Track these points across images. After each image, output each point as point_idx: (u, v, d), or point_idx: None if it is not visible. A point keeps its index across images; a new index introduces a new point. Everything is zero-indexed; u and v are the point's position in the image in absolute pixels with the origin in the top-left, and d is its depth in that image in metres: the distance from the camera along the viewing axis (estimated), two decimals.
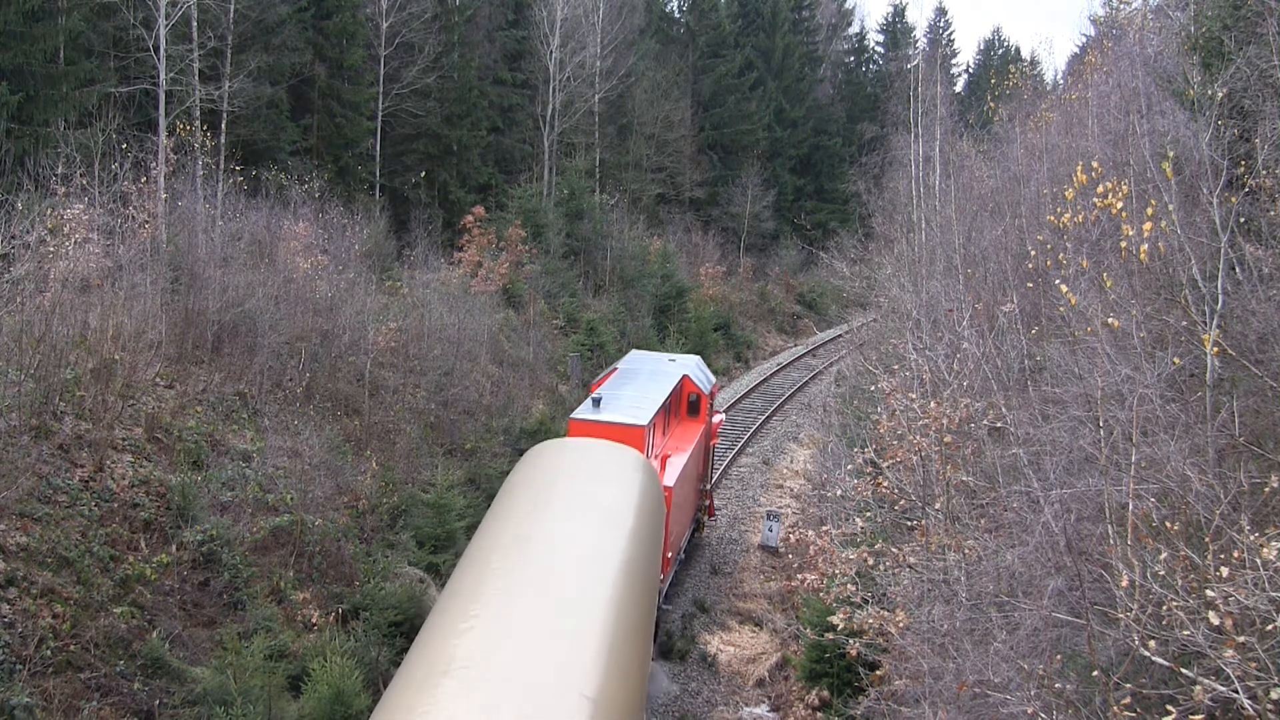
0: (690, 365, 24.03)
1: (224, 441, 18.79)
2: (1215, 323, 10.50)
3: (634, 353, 26.44)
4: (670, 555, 18.99)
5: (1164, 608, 7.91)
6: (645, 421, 19.05)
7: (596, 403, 19.87)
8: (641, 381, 22.01)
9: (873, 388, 17.79)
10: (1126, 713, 7.98)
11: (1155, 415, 9.79)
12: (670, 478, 18.76)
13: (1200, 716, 7.47)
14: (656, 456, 19.61)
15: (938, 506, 12.72)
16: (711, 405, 23.84)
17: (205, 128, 26.30)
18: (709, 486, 24.32)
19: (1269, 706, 7.28)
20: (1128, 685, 8.19)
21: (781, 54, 61.34)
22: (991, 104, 38.50)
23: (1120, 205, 11.48)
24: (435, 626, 10.43)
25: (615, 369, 23.43)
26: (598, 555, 12.39)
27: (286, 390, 21.34)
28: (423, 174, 38.31)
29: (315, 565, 17.42)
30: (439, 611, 10.95)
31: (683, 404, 23.04)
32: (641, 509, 14.73)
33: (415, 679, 9.21)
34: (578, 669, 9.51)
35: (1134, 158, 13.48)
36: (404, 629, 16.93)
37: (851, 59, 72.15)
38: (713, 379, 25.34)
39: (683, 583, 21.70)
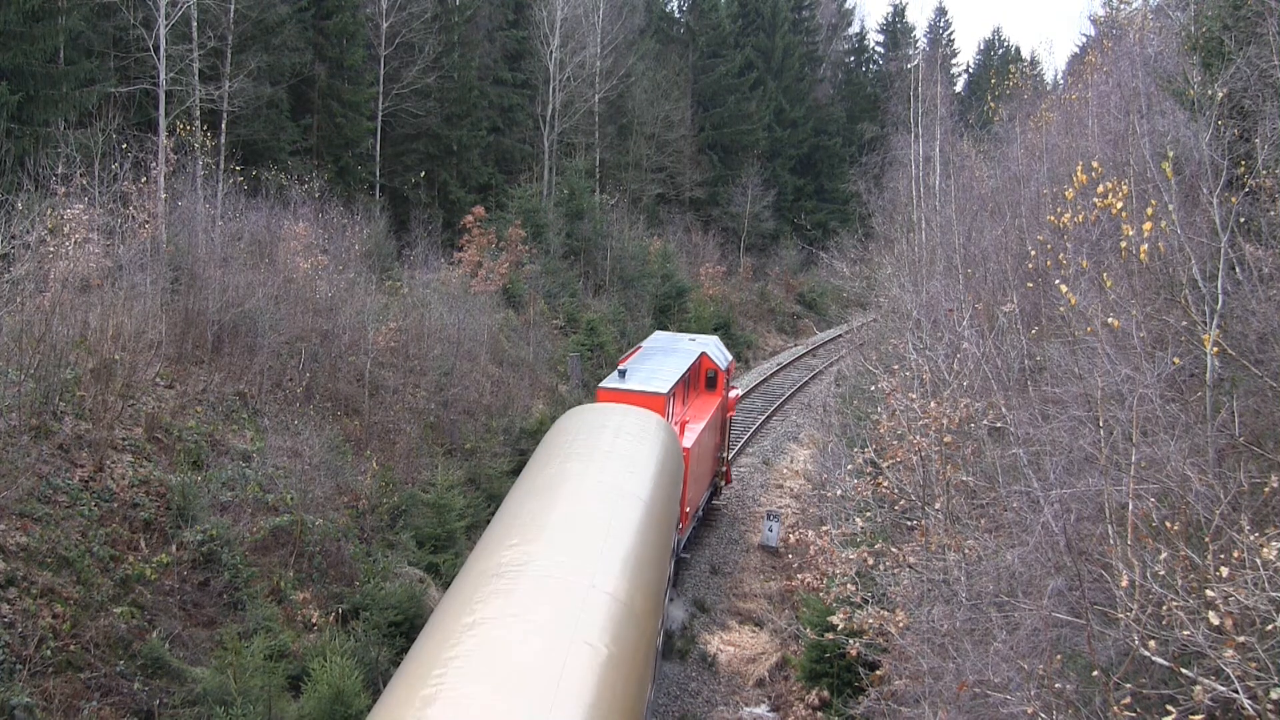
0: (709, 344, 26.11)
1: (224, 441, 18.79)
2: (1215, 323, 10.50)
3: (658, 333, 29.00)
4: (689, 511, 20.86)
5: (1164, 608, 7.91)
6: (665, 390, 20.85)
7: (622, 374, 21.89)
8: (663, 357, 24.01)
9: (873, 388, 17.80)
10: (1126, 713, 7.98)
11: (1155, 415, 9.79)
12: (688, 440, 20.62)
13: (1200, 716, 7.47)
14: (676, 422, 21.19)
15: (938, 506, 12.72)
16: (728, 381, 25.74)
17: (205, 128, 26.29)
18: (726, 455, 25.94)
19: (1269, 706, 7.28)
20: (1128, 685, 8.19)
21: (781, 54, 61.34)
22: (991, 104, 38.51)
23: (1120, 205, 11.48)
24: (485, 547, 12.17)
25: (640, 347, 25.66)
26: (621, 495, 13.97)
27: (286, 390, 21.34)
28: (423, 174, 38.30)
29: (315, 565, 17.42)
30: (486, 538, 12.69)
31: (701, 379, 25.02)
32: (661, 462, 16.45)
33: (468, 582, 11.03)
34: (603, 575, 11.22)
35: (1134, 158, 13.48)
36: (404, 629, 16.93)
37: (851, 59, 72.14)
38: (730, 357, 27.19)
39: (684, 582, 21.70)
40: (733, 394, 26.64)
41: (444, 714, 8.17)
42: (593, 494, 13.78)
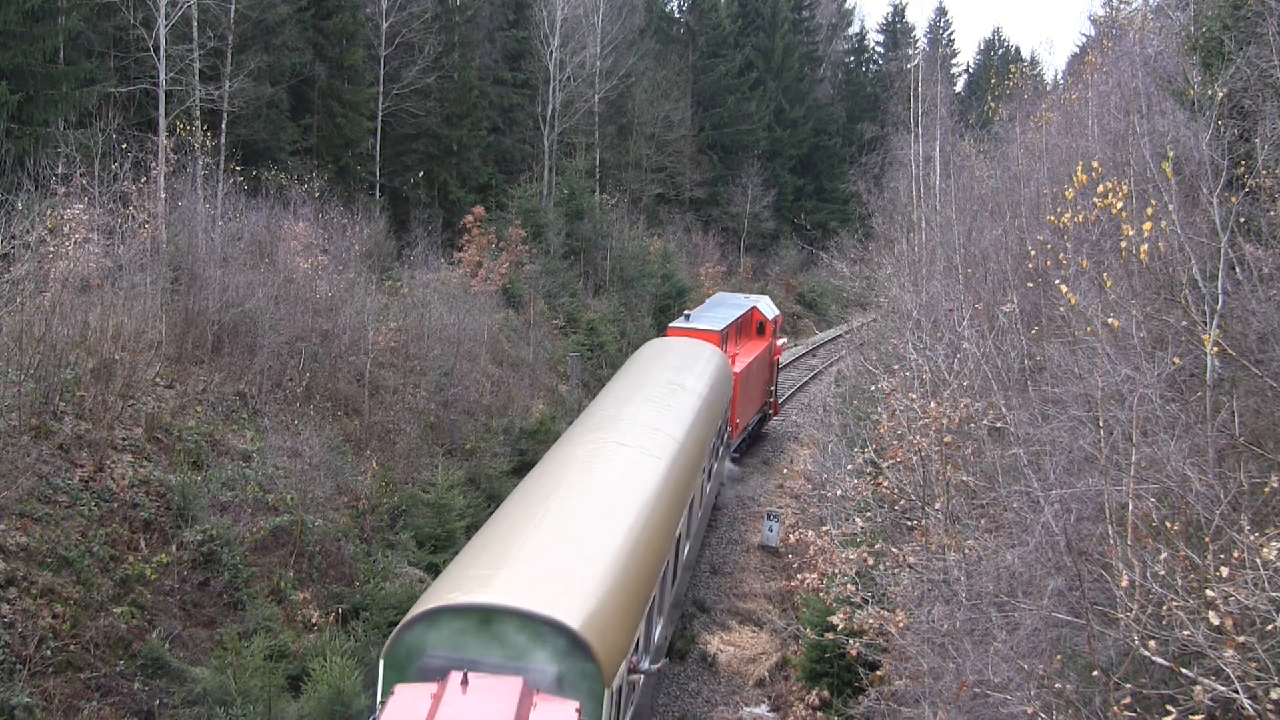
0: (761, 301, 33.30)
1: (224, 441, 18.78)
2: (1215, 323, 10.49)
3: (720, 293, 37.18)
4: (739, 422, 27.19)
5: (1164, 608, 7.91)
6: (720, 329, 27.43)
7: (687, 316, 29.35)
8: (722, 308, 31.11)
9: (873, 388, 17.81)
10: (1126, 713, 7.97)
11: (1155, 415, 9.79)
12: (738, 367, 26.68)
13: (1200, 716, 7.47)
14: (729, 355, 26.92)
15: (938, 506, 12.72)
16: (775, 331, 32.60)
17: (205, 128, 26.27)
18: (774, 389, 32.82)
19: (1269, 706, 7.28)
20: (1128, 685, 8.18)
21: (781, 54, 61.34)
22: (991, 104, 38.50)
23: (1120, 205, 11.48)
24: (593, 409, 19.30)
25: (705, 302, 33.77)
26: (680, 387, 20.90)
27: (286, 390, 21.34)
28: (422, 174, 38.28)
29: (315, 565, 17.42)
30: (594, 405, 19.93)
31: (753, 326, 31.94)
32: (711, 375, 23.14)
33: (587, 424, 17.90)
34: (664, 424, 18.00)
35: (1134, 158, 13.48)
36: None
37: (851, 59, 72.15)
38: (777, 312, 34.19)
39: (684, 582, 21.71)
40: (780, 342, 33.50)
41: (590, 478, 14.82)
42: (661, 384, 20.80)
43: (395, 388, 24.03)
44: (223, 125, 27.79)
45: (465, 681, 9.53)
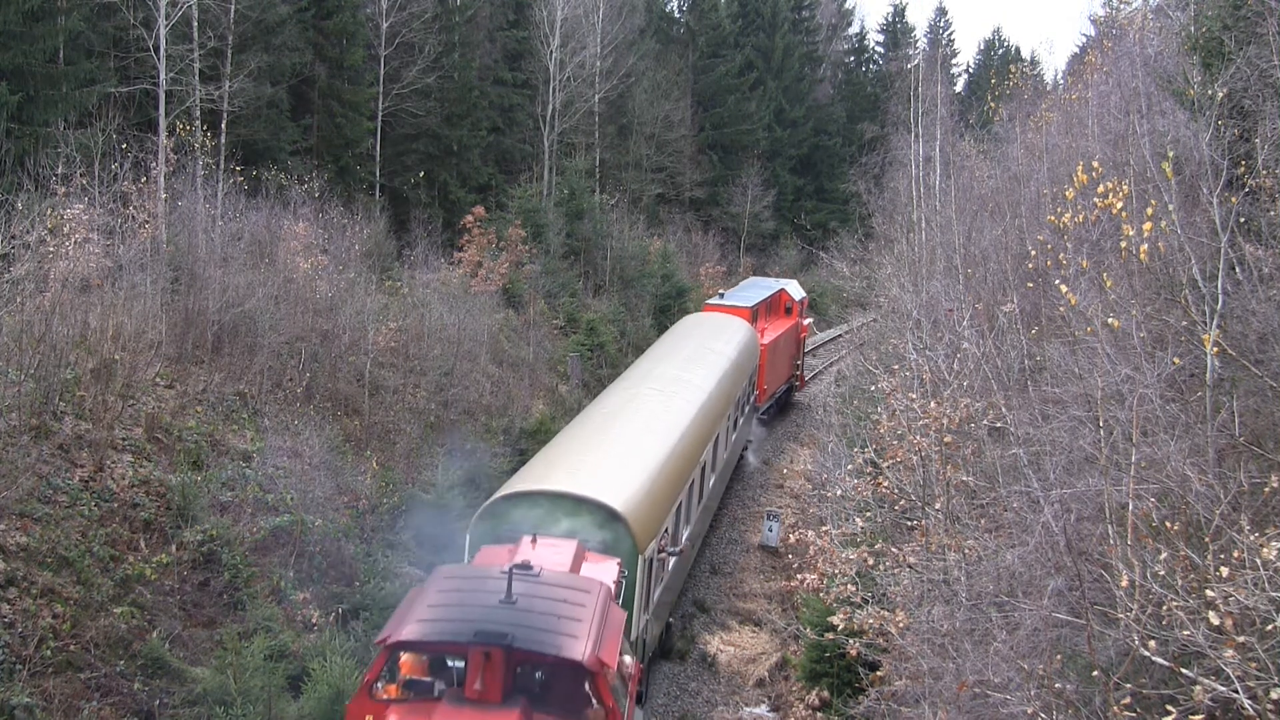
0: (789, 284, 37.43)
1: (224, 441, 18.78)
2: (1215, 323, 10.49)
3: (752, 277, 42.76)
4: (766, 389, 30.86)
5: (1164, 608, 7.91)
6: (750, 306, 31.66)
7: (722, 295, 33.36)
8: (753, 289, 35.55)
9: (873, 388, 17.81)
10: (1126, 713, 7.97)
11: (1155, 415, 9.79)
12: (765, 340, 30.58)
13: (1200, 716, 7.47)
14: (758, 329, 30.68)
15: (938, 506, 12.72)
16: (802, 311, 36.52)
17: (205, 128, 26.27)
18: (800, 364, 36.51)
19: (1269, 706, 7.28)
20: (1128, 685, 8.18)
21: (781, 54, 61.33)
22: (992, 104, 38.48)
23: (1120, 205, 11.48)
24: (635, 368, 23.91)
25: (738, 284, 38.35)
26: (711, 351, 25.07)
27: (286, 390, 21.33)
28: (423, 174, 38.26)
29: (315, 565, 17.41)
30: (636, 365, 24.45)
31: (781, 306, 35.42)
32: (740, 344, 27.00)
33: (631, 376, 22.70)
34: (695, 376, 22.31)
35: (1134, 158, 13.48)
36: None
37: (851, 59, 72.15)
38: (804, 294, 38.13)
39: (685, 584, 21.70)
40: (806, 322, 37.48)
41: (633, 411, 19.20)
42: (694, 347, 25.05)
43: (395, 388, 24.02)
44: (223, 125, 27.78)
45: (534, 541, 12.88)
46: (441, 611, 10.64)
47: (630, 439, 17.81)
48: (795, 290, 36.74)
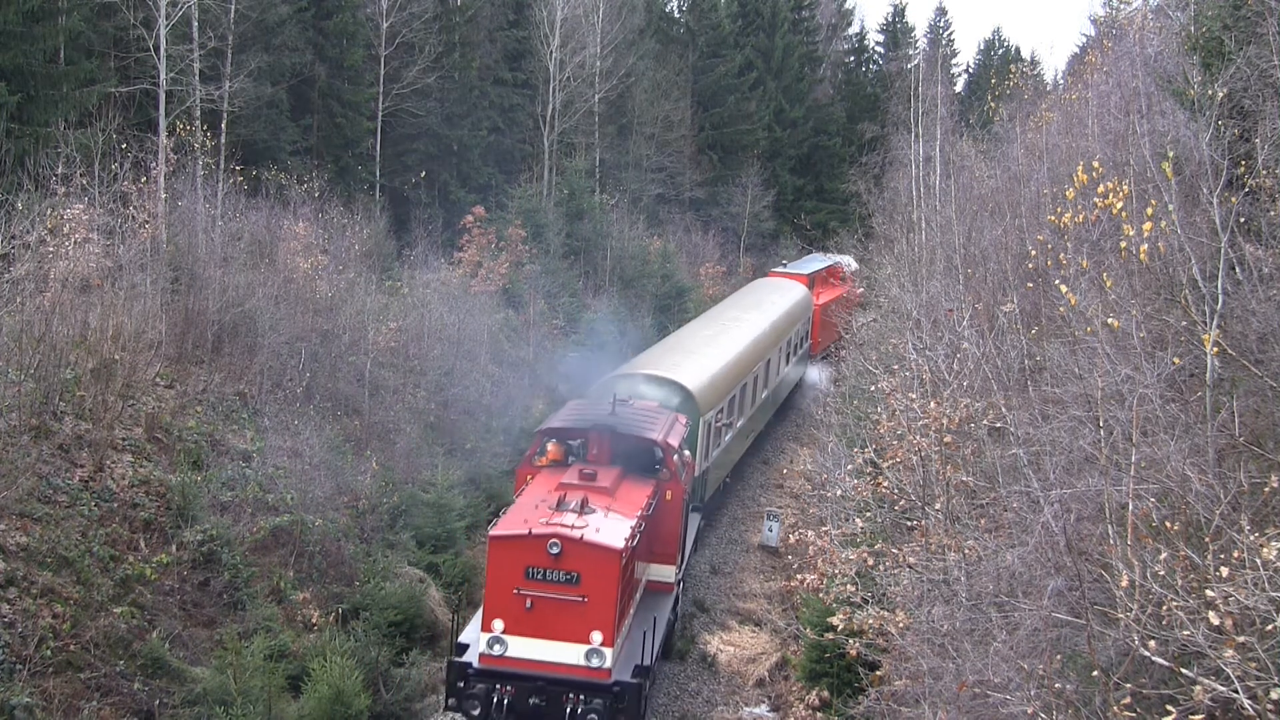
0: (845, 259, 42.82)
1: (224, 441, 18.78)
2: (1215, 323, 10.49)
3: (814, 253, 48.82)
4: (820, 341, 38.19)
5: (1164, 608, 7.91)
6: (808, 273, 39.94)
7: (784, 265, 42.51)
8: (813, 261, 44.20)
9: (873, 388, 17.81)
10: (1126, 713, 7.97)
11: (1155, 415, 9.79)
12: (819, 301, 37.98)
13: (1200, 716, 7.47)
14: (814, 293, 38.11)
15: (938, 506, 12.72)
16: (856, 282, 40.30)
17: (205, 128, 26.24)
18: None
19: (1269, 706, 7.27)
20: (1128, 685, 8.18)
21: (781, 54, 61.29)
22: (991, 104, 38.49)
23: (1120, 205, 11.48)
24: (709, 313, 32.20)
25: (800, 259, 46.24)
26: (773, 305, 32.51)
27: (286, 390, 21.32)
28: (423, 174, 38.24)
29: (315, 565, 17.42)
30: (711, 311, 32.92)
31: (835, 276, 42.58)
32: (798, 301, 35.10)
33: (710, 314, 32.08)
34: (759, 318, 30.23)
35: (1134, 158, 13.48)
36: (404, 629, 16.91)
37: (851, 59, 72.10)
38: (856, 267, 41.65)
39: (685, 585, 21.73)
40: (859, 290, 40.69)
41: (706, 329, 28.25)
42: (757, 299, 33.41)
43: (395, 388, 24.02)
44: (223, 125, 27.77)
45: (627, 401, 19.08)
46: (573, 419, 17.81)
47: (701, 348, 25.32)
48: (847, 263, 42.57)
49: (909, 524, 14.20)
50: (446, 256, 33.69)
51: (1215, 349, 10.14)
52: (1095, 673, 8.33)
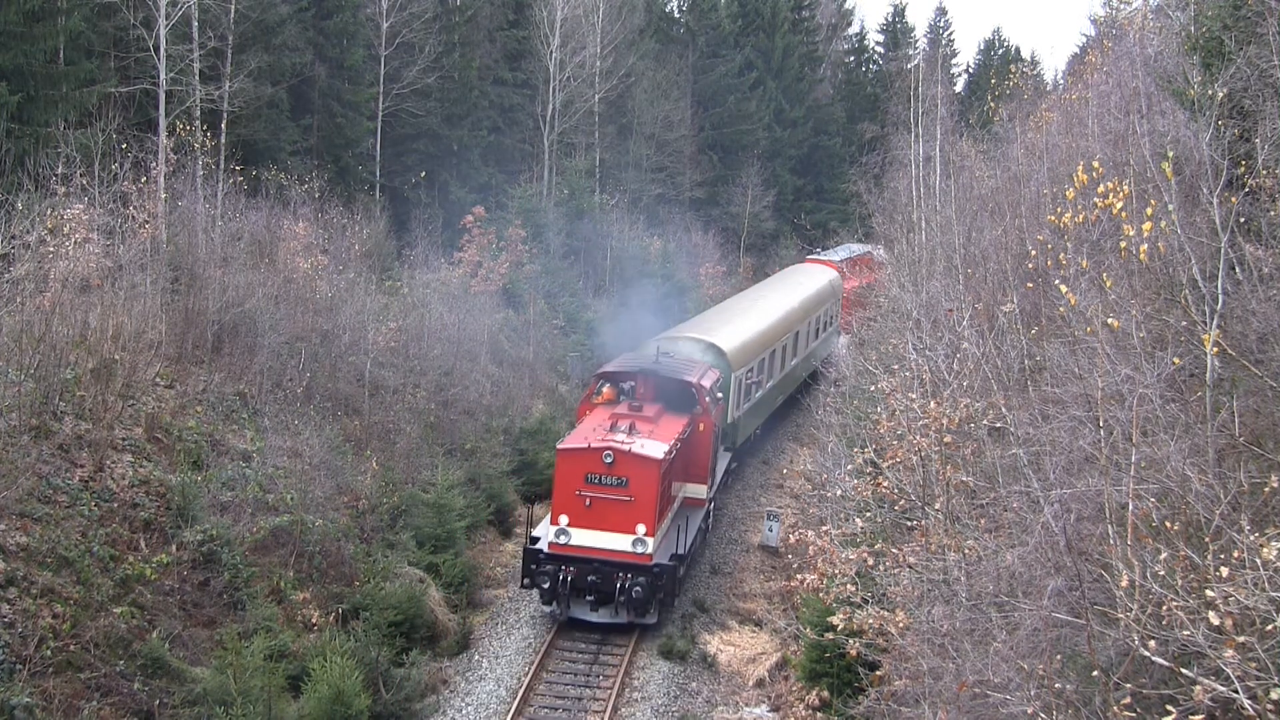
0: (876, 250, 43.03)
1: (224, 441, 18.78)
2: (1215, 323, 10.48)
3: (848, 243, 50.43)
4: (847, 322, 38.69)
5: (1164, 608, 7.91)
6: (839, 260, 43.53)
7: (819, 251, 46.39)
8: (844, 250, 47.24)
9: (873, 388, 17.79)
10: (1126, 713, 7.97)
11: (1155, 415, 9.79)
12: (849, 285, 40.51)
13: (1200, 716, 7.47)
14: (845, 279, 41.28)
15: (938, 506, 12.72)
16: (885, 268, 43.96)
17: (205, 128, 26.24)
18: None
19: (1269, 706, 7.27)
20: (1128, 685, 8.18)
21: (781, 54, 61.31)
22: (991, 104, 38.47)
23: (1120, 205, 11.47)
24: (748, 291, 37.37)
25: (833, 248, 48.83)
26: (807, 285, 36.36)
27: (286, 390, 21.33)
28: (423, 174, 38.26)
29: (315, 565, 17.42)
30: (748, 290, 38.00)
31: (865, 264, 43.58)
32: (830, 284, 38.61)
33: (749, 292, 36.70)
34: (792, 297, 33.76)
35: (1134, 158, 13.48)
36: (404, 629, 16.92)
37: (851, 59, 72.14)
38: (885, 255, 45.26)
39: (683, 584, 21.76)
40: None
41: (743, 302, 33.13)
42: (790, 281, 36.95)
43: (395, 388, 24.02)
44: (223, 125, 27.77)
45: (669, 354, 22.75)
46: (624, 365, 22.24)
47: (736, 318, 28.87)
48: (880, 254, 44.85)
49: (909, 524, 14.20)
50: (446, 256, 33.71)
51: (1215, 349, 10.13)
52: (1095, 673, 8.33)
